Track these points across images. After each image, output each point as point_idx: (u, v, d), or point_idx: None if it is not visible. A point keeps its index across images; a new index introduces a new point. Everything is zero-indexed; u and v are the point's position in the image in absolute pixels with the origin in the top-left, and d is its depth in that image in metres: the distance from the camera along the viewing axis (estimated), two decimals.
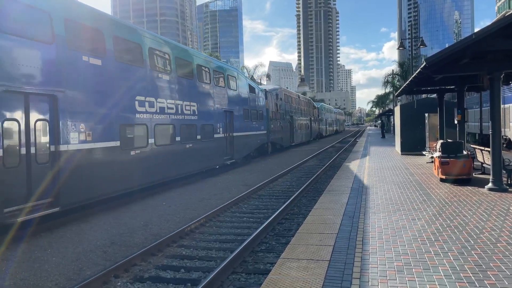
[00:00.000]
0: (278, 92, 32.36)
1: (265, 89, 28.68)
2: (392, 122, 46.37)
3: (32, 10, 8.84)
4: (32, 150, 8.57)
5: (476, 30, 9.59)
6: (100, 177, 10.46)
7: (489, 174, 9.73)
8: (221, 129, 18.51)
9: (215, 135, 17.86)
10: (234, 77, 21.22)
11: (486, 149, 10.84)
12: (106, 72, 10.91)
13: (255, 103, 24.46)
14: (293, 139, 35.77)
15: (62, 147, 9.25)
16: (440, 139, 14.87)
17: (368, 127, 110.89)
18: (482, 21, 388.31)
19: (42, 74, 8.87)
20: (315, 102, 58.81)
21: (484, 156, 11.23)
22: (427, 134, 18.08)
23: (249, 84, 23.77)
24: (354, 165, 15.87)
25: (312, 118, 47.22)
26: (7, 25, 8.18)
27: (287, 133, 33.60)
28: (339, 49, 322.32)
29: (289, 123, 34.42)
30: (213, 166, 18.09)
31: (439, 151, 11.52)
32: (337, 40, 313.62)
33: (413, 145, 19.44)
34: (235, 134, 20.24)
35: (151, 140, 12.76)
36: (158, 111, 13.17)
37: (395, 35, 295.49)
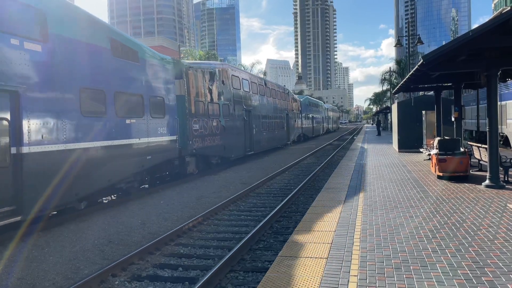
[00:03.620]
0: (217, 71, 19.37)
1: (175, 60, 16.22)
2: (390, 120, 46.51)
3: None
4: None
5: (473, 27, 9.59)
6: None
7: (486, 171, 9.77)
8: None
9: None
10: (29, 5, 8.75)
11: (483, 146, 10.87)
12: None
13: (134, 81, 12.22)
14: (251, 145, 23.97)
15: None
16: (437, 136, 14.90)
17: (365, 125, 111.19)
18: (481, 17, 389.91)
19: None
20: (298, 95, 51.21)
21: (481, 153, 11.26)
22: (424, 131, 18.12)
23: (112, 38, 11.31)
24: (351, 163, 15.88)
25: (290, 115, 36.19)
26: None
27: (237, 138, 21.54)
28: (336, 47, 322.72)
29: (243, 121, 22.68)
30: None
31: (436, 148, 11.55)
32: (334, 38, 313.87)
33: (410, 142, 19.49)
34: (33, 149, 8.62)
35: None
36: None
37: (393, 31, 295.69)
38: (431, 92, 21.46)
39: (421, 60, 8.93)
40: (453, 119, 13.76)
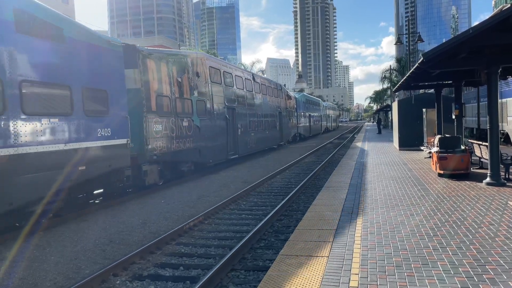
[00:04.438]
0: (190, 60, 16.47)
1: (127, 44, 12.85)
2: (390, 118, 46.46)
3: None
4: None
5: (473, 25, 9.57)
6: None
7: (487, 169, 9.75)
8: None
9: None
10: None
11: (483, 143, 10.85)
12: None
13: (55, 67, 9.23)
14: (235, 148, 21.20)
15: None
16: (438, 134, 14.89)
17: (366, 123, 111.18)
18: (482, 15, 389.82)
19: None
20: (296, 93, 49.28)
21: (482, 151, 11.24)
22: (425, 129, 18.12)
23: (17, 8, 8.34)
24: (352, 161, 15.88)
25: (284, 113, 33.02)
26: None
27: (217, 140, 18.50)
28: (336, 45, 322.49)
29: (225, 120, 19.77)
30: None
31: (437, 146, 11.54)
32: (335, 36, 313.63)
33: (411, 140, 19.49)
34: None
35: None
36: None
37: (393, 29, 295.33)
38: (432, 90, 21.44)
39: (422, 58, 8.90)
40: (453, 116, 13.75)
